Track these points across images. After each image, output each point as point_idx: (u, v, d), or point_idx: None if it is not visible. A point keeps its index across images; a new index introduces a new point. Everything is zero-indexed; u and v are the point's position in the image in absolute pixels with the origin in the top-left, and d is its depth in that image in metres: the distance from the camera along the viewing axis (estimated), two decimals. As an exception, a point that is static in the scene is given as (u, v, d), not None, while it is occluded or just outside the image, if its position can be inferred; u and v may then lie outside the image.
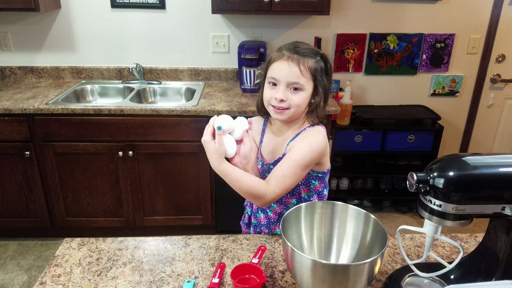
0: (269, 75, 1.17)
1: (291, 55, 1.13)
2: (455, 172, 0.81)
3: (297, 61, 1.13)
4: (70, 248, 1.16)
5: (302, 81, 1.13)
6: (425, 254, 0.91)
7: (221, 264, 1.07)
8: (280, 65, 1.14)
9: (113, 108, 2.23)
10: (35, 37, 2.70)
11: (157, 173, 2.42)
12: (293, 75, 1.12)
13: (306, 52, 1.15)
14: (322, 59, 1.18)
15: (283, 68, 1.13)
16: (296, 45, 1.16)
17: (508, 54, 2.92)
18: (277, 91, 1.14)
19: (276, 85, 1.15)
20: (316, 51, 1.18)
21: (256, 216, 1.35)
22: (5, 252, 2.50)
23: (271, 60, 1.17)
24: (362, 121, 2.73)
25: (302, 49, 1.15)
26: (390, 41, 2.81)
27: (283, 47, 1.17)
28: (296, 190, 1.28)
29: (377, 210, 3.04)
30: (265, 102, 1.19)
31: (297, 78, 1.13)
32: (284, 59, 1.13)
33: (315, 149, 1.15)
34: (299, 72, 1.12)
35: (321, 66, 1.17)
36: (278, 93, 1.14)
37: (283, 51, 1.15)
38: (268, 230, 1.33)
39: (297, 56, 1.13)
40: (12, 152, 2.32)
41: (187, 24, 2.70)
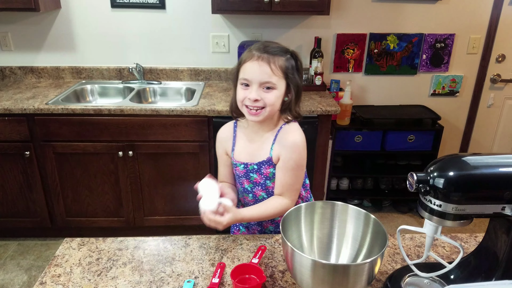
0: (241, 76, 1.16)
1: (261, 54, 1.13)
2: (455, 172, 0.81)
3: (267, 60, 1.12)
4: (70, 248, 1.16)
5: (274, 80, 1.14)
6: (425, 254, 0.91)
7: (221, 264, 1.07)
8: (251, 65, 1.13)
9: (113, 108, 2.23)
10: (35, 37, 2.70)
11: (157, 173, 2.42)
12: (264, 75, 1.13)
13: (276, 51, 1.15)
14: (292, 57, 1.18)
15: (254, 69, 1.13)
16: (266, 45, 1.16)
17: (508, 54, 2.92)
18: (250, 91, 1.14)
19: (249, 86, 1.15)
20: (286, 49, 1.18)
21: None
22: (5, 252, 2.50)
23: (242, 61, 1.16)
24: (362, 121, 2.73)
25: (271, 48, 1.15)
26: (390, 41, 2.81)
27: (252, 47, 1.17)
28: None
29: (377, 210, 3.04)
30: (239, 103, 1.18)
31: (269, 77, 1.13)
32: (254, 59, 1.13)
33: (302, 148, 1.21)
34: (271, 71, 1.13)
35: (292, 64, 1.17)
36: (252, 93, 1.14)
37: (252, 51, 1.14)
38: (260, 227, 1.34)
39: (267, 55, 1.13)
40: (12, 152, 2.32)
41: (187, 24, 2.70)
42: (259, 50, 1.14)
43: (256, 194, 1.29)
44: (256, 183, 1.27)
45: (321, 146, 2.44)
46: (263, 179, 1.26)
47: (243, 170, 1.26)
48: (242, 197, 1.34)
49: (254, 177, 1.26)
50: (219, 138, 1.33)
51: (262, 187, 1.27)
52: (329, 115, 2.36)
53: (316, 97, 2.54)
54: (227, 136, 1.31)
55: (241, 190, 1.31)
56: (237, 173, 1.29)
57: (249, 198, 1.31)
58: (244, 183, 1.28)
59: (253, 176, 1.26)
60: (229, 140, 1.30)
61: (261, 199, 1.29)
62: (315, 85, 2.66)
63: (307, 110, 2.32)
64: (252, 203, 1.30)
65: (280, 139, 1.22)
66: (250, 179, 1.27)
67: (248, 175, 1.26)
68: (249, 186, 1.28)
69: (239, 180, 1.30)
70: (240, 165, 1.26)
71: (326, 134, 2.42)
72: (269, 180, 1.26)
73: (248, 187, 1.28)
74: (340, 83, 2.82)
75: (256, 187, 1.28)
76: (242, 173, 1.27)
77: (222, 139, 1.32)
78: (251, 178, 1.26)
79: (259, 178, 1.26)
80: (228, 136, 1.30)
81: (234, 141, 1.29)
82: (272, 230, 1.34)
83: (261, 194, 1.29)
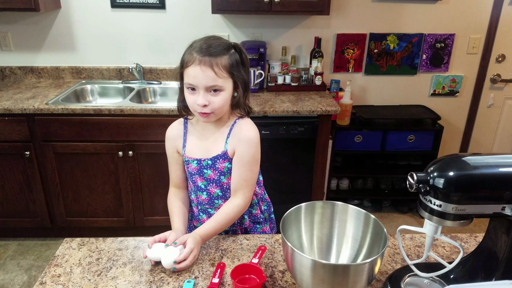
0: (186, 80, 1.12)
1: (202, 58, 1.08)
2: (455, 172, 0.81)
3: (209, 63, 1.08)
4: (70, 248, 1.16)
5: (219, 82, 1.11)
6: (425, 254, 0.91)
7: (221, 264, 1.07)
8: (194, 70, 1.09)
9: (113, 108, 2.23)
10: (35, 37, 2.70)
11: (157, 173, 2.42)
12: (209, 79, 1.09)
13: (217, 50, 1.10)
14: (236, 51, 1.15)
15: (197, 74, 1.09)
16: (208, 44, 1.11)
17: (508, 54, 2.92)
18: (198, 96, 1.11)
19: (195, 90, 1.12)
20: (228, 45, 1.14)
21: (199, 219, 1.32)
22: (5, 252, 2.50)
23: (184, 63, 1.12)
24: (362, 121, 2.73)
25: (213, 48, 1.10)
26: (390, 41, 2.81)
27: (194, 47, 1.11)
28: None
29: (377, 210, 3.04)
30: (191, 108, 1.16)
31: (214, 81, 1.10)
32: (196, 63, 1.08)
33: (257, 143, 1.21)
34: (215, 75, 1.09)
35: (236, 59, 1.14)
36: (199, 99, 1.11)
37: (193, 54, 1.09)
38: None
39: (209, 58, 1.08)
40: (12, 152, 2.32)
41: (187, 24, 2.70)
42: (200, 52, 1.09)
43: (211, 191, 1.26)
44: (210, 180, 1.24)
45: (321, 146, 2.44)
46: (217, 175, 1.23)
47: (196, 167, 1.23)
48: (195, 196, 1.29)
49: (208, 174, 1.23)
50: (168, 136, 1.29)
51: (216, 184, 1.25)
52: (329, 115, 2.36)
53: (316, 97, 2.54)
54: (177, 133, 1.28)
55: (194, 189, 1.28)
56: (190, 170, 1.25)
57: (203, 197, 1.27)
58: (198, 181, 1.25)
59: (207, 172, 1.23)
60: (179, 137, 1.27)
61: (215, 196, 1.26)
62: (315, 85, 2.66)
63: (307, 110, 2.32)
64: (206, 201, 1.28)
65: (235, 134, 1.20)
66: (203, 176, 1.24)
67: (202, 171, 1.23)
68: (202, 184, 1.25)
69: (192, 178, 1.26)
70: (192, 162, 1.23)
71: (326, 134, 2.42)
72: (224, 175, 1.23)
73: (201, 185, 1.25)
74: (340, 83, 2.82)
75: (210, 184, 1.25)
76: (195, 170, 1.23)
77: (172, 137, 1.28)
78: (205, 175, 1.23)
79: (213, 174, 1.23)
80: (179, 133, 1.27)
81: (185, 138, 1.26)
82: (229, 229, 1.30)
83: (215, 192, 1.26)
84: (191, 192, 1.31)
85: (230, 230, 1.32)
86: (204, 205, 1.29)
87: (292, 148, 2.44)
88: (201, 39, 1.16)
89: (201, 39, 1.16)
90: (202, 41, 1.14)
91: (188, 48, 1.15)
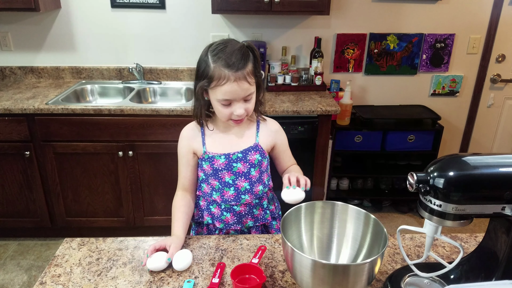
0: (221, 97, 1.14)
1: (236, 74, 1.11)
2: (455, 172, 0.81)
3: (243, 76, 1.12)
4: (70, 248, 1.16)
5: (252, 89, 1.17)
6: (425, 254, 0.91)
7: (221, 264, 1.07)
8: (230, 87, 1.11)
9: (113, 108, 2.23)
10: (35, 37, 2.70)
11: (157, 173, 2.42)
12: (245, 91, 1.14)
13: (244, 61, 1.12)
14: (250, 51, 1.17)
15: (235, 90, 1.12)
16: (233, 56, 1.11)
17: (508, 54, 2.92)
18: (235, 108, 1.15)
19: (230, 102, 1.15)
20: (245, 49, 1.15)
21: (222, 219, 1.31)
22: (5, 252, 2.50)
23: (213, 79, 1.12)
24: (362, 121, 2.73)
25: (240, 61, 1.11)
26: (390, 41, 2.81)
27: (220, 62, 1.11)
28: (261, 177, 1.30)
29: (377, 210, 3.04)
30: (223, 118, 1.19)
31: (249, 91, 1.15)
32: (232, 80, 1.11)
33: None
34: (249, 85, 1.14)
35: (255, 61, 1.17)
36: (238, 110, 1.15)
37: (225, 71, 1.10)
38: (240, 225, 1.31)
39: (241, 71, 1.11)
40: (12, 152, 2.32)
41: (187, 24, 2.70)
42: (231, 68, 1.10)
43: (239, 186, 1.26)
44: (239, 174, 1.25)
45: (321, 146, 2.44)
46: (247, 167, 1.25)
47: (224, 161, 1.24)
48: (219, 195, 1.28)
49: (238, 167, 1.25)
50: (184, 136, 1.30)
51: (245, 177, 1.26)
52: (329, 115, 2.36)
53: (316, 97, 2.54)
54: (194, 133, 1.29)
55: (219, 187, 1.27)
56: (215, 167, 1.25)
57: (230, 193, 1.27)
58: (225, 176, 1.25)
59: (236, 166, 1.25)
60: (197, 136, 1.28)
61: (243, 191, 1.27)
62: (315, 85, 2.66)
63: (307, 110, 2.32)
64: (232, 198, 1.27)
65: (266, 127, 1.31)
66: (232, 170, 1.25)
67: (231, 165, 1.24)
68: (230, 179, 1.25)
69: (217, 174, 1.25)
70: (219, 157, 1.24)
71: (326, 134, 2.42)
72: (254, 167, 1.26)
73: (229, 180, 1.26)
74: (340, 83, 2.82)
75: (239, 178, 1.25)
76: (223, 165, 1.25)
77: (188, 136, 1.29)
78: (234, 169, 1.25)
79: (243, 167, 1.25)
80: (195, 133, 1.29)
81: (203, 136, 1.28)
82: (252, 225, 1.32)
83: (243, 186, 1.26)
84: (213, 192, 1.29)
85: (254, 226, 1.33)
86: (229, 202, 1.28)
87: (292, 148, 2.42)
88: (220, 48, 1.15)
89: (220, 48, 1.15)
90: (225, 53, 1.13)
91: (210, 57, 1.14)
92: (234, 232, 1.32)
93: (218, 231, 1.34)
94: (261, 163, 1.28)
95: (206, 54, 1.16)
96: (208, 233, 1.35)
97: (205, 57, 1.16)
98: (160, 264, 1.05)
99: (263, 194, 1.32)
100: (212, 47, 1.17)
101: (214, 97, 1.16)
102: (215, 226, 1.33)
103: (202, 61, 1.16)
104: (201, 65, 1.17)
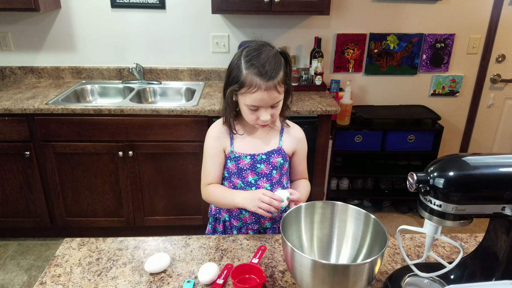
0: (249, 103, 1.15)
1: (267, 83, 1.11)
2: (455, 172, 0.81)
3: (273, 86, 1.12)
4: (70, 248, 1.16)
5: (280, 97, 1.18)
6: (425, 254, 0.91)
7: (229, 265, 1.07)
8: (260, 95, 1.13)
9: (113, 108, 2.23)
10: (35, 37, 2.70)
11: (157, 173, 2.42)
12: (273, 99, 1.16)
13: (276, 70, 1.12)
14: (283, 57, 1.17)
15: (264, 98, 1.14)
16: (268, 68, 1.11)
17: (508, 54, 2.92)
18: (262, 114, 1.17)
19: (258, 108, 1.17)
20: (278, 56, 1.15)
21: (240, 218, 1.33)
22: (5, 252, 2.50)
23: (244, 85, 1.13)
24: (362, 121, 2.73)
25: (273, 70, 1.11)
26: (390, 41, 2.81)
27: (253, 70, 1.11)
28: (280, 179, 1.32)
29: (377, 210, 3.04)
30: (250, 121, 1.22)
31: (278, 98, 1.17)
32: (263, 89, 1.12)
33: None
34: (278, 94, 1.16)
35: (287, 69, 1.17)
36: (264, 116, 1.17)
37: (257, 80, 1.11)
38: (258, 225, 1.33)
39: (272, 81, 1.12)
40: (12, 152, 2.32)
41: (187, 24, 2.70)
42: (263, 77, 1.11)
43: (260, 186, 1.29)
44: (262, 174, 1.28)
45: (321, 146, 2.44)
46: (269, 169, 1.28)
47: (249, 162, 1.28)
48: None
49: (261, 168, 1.28)
50: (214, 136, 1.31)
51: (267, 178, 1.29)
52: (329, 115, 2.36)
53: (316, 97, 2.54)
54: (223, 132, 1.31)
55: (241, 186, 1.30)
56: (240, 166, 1.28)
57: None
58: (248, 176, 1.29)
59: (259, 166, 1.28)
60: (225, 136, 1.30)
61: None
62: (315, 85, 2.66)
63: (307, 110, 2.32)
64: None
65: (290, 134, 1.33)
66: (255, 171, 1.28)
67: (255, 166, 1.28)
68: (253, 179, 1.29)
69: (241, 174, 1.29)
70: (245, 157, 1.28)
71: (326, 134, 2.42)
72: (275, 169, 1.29)
73: (252, 180, 1.29)
74: (340, 83, 2.82)
75: (261, 178, 1.29)
76: (247, 165, 1.28)
77: (218, 136, 1.30)
78: (257, 169, 1.28)
79: (266, 168, 1.28)
80: (224, 132, 1.31)
81: (231, 136, 1.30)
82: (270, 226, 1.34)
83: (264, 186, 1.29)
84: (235, 189, 1.32)
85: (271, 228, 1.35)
86: None
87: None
88: (254, 54, 1.14)
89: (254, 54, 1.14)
90: (258, 61, 1.12)
91: (243, 63, 1.14)
92: (252, 232, 1.34)
93: (235, 229, 1.35)
94: (283, 166, 1.31)
95: (239, 59, 1.16)
96: (223, 230, 1.37)
97: (238, 61, 1.16)
98: (161, 265, 1.05)
99: None
100: (246, 51, 1.16)
101: (242, 101, 1.18)
102: (232, 224, 1.35)
103: (234, 65, 1.17)
104: (233, 69, 1.17)
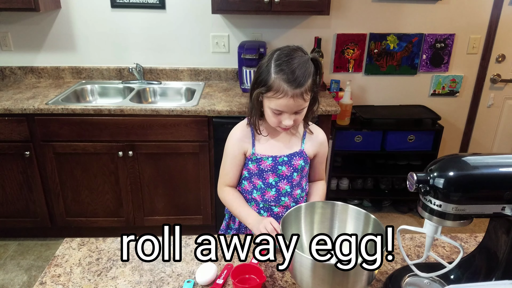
0: (274, 107, 1.15)
1: (294, 91, 1.10)
2: (455, 172, 0.81)
3: (300, 94, 1.11)
4: (70, 248, 1.16)
5: (305, 105, 1.17)
6: (425, 254, 0.91)
7: (228, 265, 1.07)
8: (285, 101, 1.12)
9: (113, 108, 2.23)
10: (35, 37, 2.70)
11: (157, 173, 2.42)
12: (298, 106, 1.15)
13: (305, 77, 1.11)
14: (314, 64, 1.15)
15: (289, 105, 1.13)
16: (293, 71, 1.09)
17: (508, 54, 2.92)
18: (285, 119, 1.17)
19: (281, 113, 1.16)
20: (309, 64, 1.12)
21: None
22: (5, 252, 2.50)
23: (271, 89, 1.12)
24: (362, 121, 2.73)
25: (302, 78, 1.10)
26: (390, 41, 2.81)
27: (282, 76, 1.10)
28: (300, 182, 1.32)
29: (377, 210, 3.04)
30: (272, 124, 1.21)
31: (302, 105, 1.16)
32: (289, 96, 1.10)
33: None
34: (303, 101, 1.15)
35: (316, 77, 1.16)
36: (286, 121, 1.17)
37: (284, 87, 1.10)
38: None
39: (299, 89, 1.10)
40: (12, 152, 2.32)
41: (187, 24, 2.70)
42: (291, 84, 1.09)
43: (280, 188, 1.29)
44: (282, 176, 1.29)
45: (321, 146, 2.44)
46: (290, 171, 1.29)
47: (271, 164, 1.28)
48: (259, 194, 1.31)
49: (282, 170, 1.28)
50: (236, 138, 1.30)
51: (287, 180, 1.29)
52: (329, 115, 2.36)
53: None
54: (245, 134, 1.31)
55: (262, 187, 1.30)
56: (262, 167, 1.28)
57: (271, 193, 1.30)
58: (269, 177, 1.29)
59: (281, 168, 1.28)
60: (249, 138, 1.30)
61: (284, 193, 1.30)
62: (315, 85, 2.66)
63: (307, 110, 2.31)
64: (273, 198, 1.30)
65: (312, 137, 1.33)
66: (277, 172, 1.28)
67: (276, 168, 1.28)
68: (274, 181, 1.29)
69: (262, 175, 1.29)
70: (267, 159, 1.28)
71: (326, 134, 2.42)
72: (296, 172, 1.30)
73: (272, 182, 1.29)
74: (340, 83, 2.82)
75: (282, 180, 1.29)
76: (269, 167, 1.28)
77: (240, 138, 1.30)
78: (278, 171, 1.28)
79: (287, 171, 1.28)
80: (246, 134, 1.31)
81: (253, 138, 1.30)
82: None
83: (284, 188, 1.30)
84: (254, 191, 1.32)
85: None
86: (269, 202, 1.31)
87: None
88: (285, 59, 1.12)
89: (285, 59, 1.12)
90: (289, 67, 1.10)
91: (273, 67, 1.12)
92: None
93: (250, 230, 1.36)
94: (303, 169, 1.32)
95: (269, 62, 1.14)
96: (239, 227, 1.39)
97: (268, 64, 1.14)
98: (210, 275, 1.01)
99: (300, 198, 1.34)
100: (277, 55, 1.14)
101: (267, 104, 1.17)
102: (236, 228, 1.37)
103: (264, 68, 1.15)
104: (262, 72, 1.15)
